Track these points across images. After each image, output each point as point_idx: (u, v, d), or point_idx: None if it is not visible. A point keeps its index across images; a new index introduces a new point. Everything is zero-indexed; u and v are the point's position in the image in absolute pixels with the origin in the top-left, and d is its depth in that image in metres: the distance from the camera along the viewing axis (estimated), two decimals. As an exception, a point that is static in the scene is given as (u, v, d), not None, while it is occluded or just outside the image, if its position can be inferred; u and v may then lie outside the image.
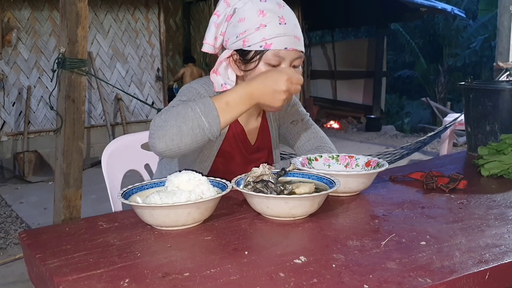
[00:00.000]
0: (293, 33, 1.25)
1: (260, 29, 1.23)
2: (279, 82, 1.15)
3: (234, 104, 1.16)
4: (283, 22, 1.24)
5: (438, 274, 0.78)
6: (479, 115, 1.72)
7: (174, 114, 1.14)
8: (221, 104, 1.15)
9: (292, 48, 1.25)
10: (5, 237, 3.68)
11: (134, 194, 1.09)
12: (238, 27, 1.26)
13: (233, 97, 1.16)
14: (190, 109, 1.13)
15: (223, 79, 1.32)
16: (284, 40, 1.24)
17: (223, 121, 1.15)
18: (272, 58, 1.25)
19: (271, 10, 1.25)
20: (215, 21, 1.30)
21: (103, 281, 0.77)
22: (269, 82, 1.16)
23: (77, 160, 2.59)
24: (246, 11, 1.26)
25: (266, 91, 1.16)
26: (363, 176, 1.20)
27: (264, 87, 1.16)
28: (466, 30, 12.66)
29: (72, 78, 2.51)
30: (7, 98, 5.84)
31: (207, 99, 1.16)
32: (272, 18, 1.24)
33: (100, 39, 6.47)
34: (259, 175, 1.10)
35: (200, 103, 1.14)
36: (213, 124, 1.13)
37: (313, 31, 10.94)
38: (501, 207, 1.13)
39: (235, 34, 1.27)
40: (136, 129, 6.57)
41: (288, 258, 0.84)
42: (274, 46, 1.23)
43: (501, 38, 5.65)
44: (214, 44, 1.33)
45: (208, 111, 1.13)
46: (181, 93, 1.34)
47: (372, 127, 8.77)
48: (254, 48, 1.25)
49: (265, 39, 1.23)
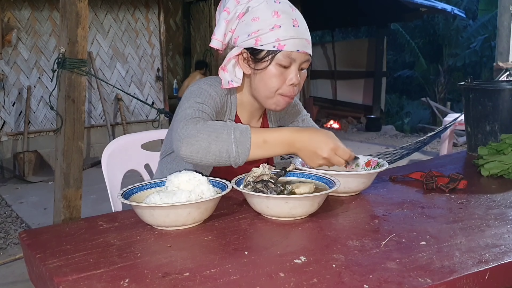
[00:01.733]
0: (305, 36, 1.27)
1: (275, 30, 1.24)
2: (324, 147, 1.16)
3: (271, 144, 1.17)
4: (297, 25, 1.26)
5: (438, 274, 0.78)
6: (479, 115, 1.72)
7: (210, 130, 1.15)
8: (258, 139, 1.16)
9: (304, 51, 1.27)
10: (5, 237, 3.68)
11: (134, 194, 1.09)
12: (251, 26, 1.26)
13: (273, 137, 1.17)
14: (226, 131, 1.14)
15: (230, 77, 1.32)
16: (296, 42, 1.25)
17: (252, 156, 1.16)
18: (284, 60, 1.26)
19: (286, 12, 1.26)
20: (226, 18, 1.30)
21: (103, 281, 0.77)
22: (315, 141, 1.17)
23: (77, 160, 2.59)
24: (260, 11, 1.26)
25: (307, 148, 1.17)
26: (363, 176, 1.21)
27: (308, 143, 1.17)
28: (466, 30, 12.66)
29: (72, 78, 2.51)
30: (7, 98, 5.84)
31: (247, 129, 1.16)
32: (286, 20, 1.25)
33: (100, 39, 6.47)
34: (259, 175, 1.10)
35: (238, 131, 1.15)
36: (241, 156, 1.15)
37: (313, 31, 10.88)
38: (501, 207, 1.13)
39: (247, 32, 1.27)
40: (136, 129, 6.57)
41: (288, 258, 0.84)
42: (288, 47, 1.24)
43: (501, 38, 5.64)
44: (223, 40, 1.32)
45: (242, 142, 1.14)
46: (193, 93, 1.30)
47: (372, 127, 8.77)
48: (267, 47, 1.25)
49: (279, 40, 1.24)
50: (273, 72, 1.27)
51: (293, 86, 1.29)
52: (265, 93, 1.31)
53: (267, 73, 1.27)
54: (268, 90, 1.30)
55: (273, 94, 1.30)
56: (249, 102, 1.39)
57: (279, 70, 1.27)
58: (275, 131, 1.19)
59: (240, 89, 1.38)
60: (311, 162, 1.19)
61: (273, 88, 1.29)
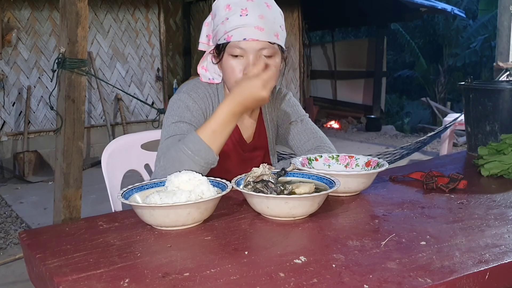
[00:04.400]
0: (254, 23, 1.27)
1: (224, 23, 1.29)
2: (253, 88, 1.18)
3: (220, 129, 1.21)
4: (244, 14, 1.27)
5: (438, 274, 0.78)
6: (479, 115, 1.72)
7: (171, 161, 1.21)
8: (207, 134, 1.20)
9: (251, 39, 1.27)
10: (5, 237, 3.68)
11: (134, 194, 1.09)
12: (213, 24, 1.34)
13: (216, 122, 1.21)
14: (182, 152, 1.19)
15: (211, 74, 1.41)
16: (242, 31, 1.27)
17: (216, 148, 1.21)
18: (233, 50, 1.29)
19: (237, 3, 1.28)
20: (206, 20, 1.39)
21: (103, 281, 0.77)
22: (245, 93, 1.19)
23: (77, 160, 2.59)
24: (218, 8, 1.32)
25: (247, 103, 1.20)
26: (363, 176, 1.21)
27: (243, 100, 1.20)
28: (466, 30, 12.66)
29: (72, 78, 2.51)
30: (7, 98, 5.83)
31: (193, 136, 1.20)
32: (234, 11, 1.27)
33: (100, 39, 6.46)
34: (259, 175, 1.10)
35: (189, 142, 1.20)
36: (208, 157, 1.19)
37: (313, 31, 10.93)
38: (501, 207, 1.13)
39: (213, 30, 1.35)
40: (136, 129, 6.56)
41: (288, 258, 0.84)
42: (234, 38, 1.28)
43: (501, 38, 5.64)
44: (207, 42, 1.40)
45: (198, 148, 1.19)
46: (171, 108, 1.38)
47: (372, 127, 8.77)
48: (220, 41, 1.31)
49: (226, 32, 1.28)
50: (228, 63, 1.32)
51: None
52: (228, 84, 1.37)
53: (224, 65, 1.34)
54: (228, 81, 1.36)
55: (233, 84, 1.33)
56: None
57: (234, 61, 1.31)
58: (215, 117, 1.22)
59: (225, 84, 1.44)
60: (260, 103, 1.22)
61: (230, 79, 1.33)
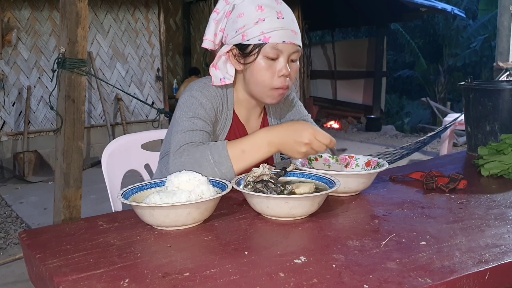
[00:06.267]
0: (291, 27, 1.28)
1: (259, 23, 1.26)
2: (303, 133, 1.16)
3: (251, 152, 1.18)
4: (281, 17, 1.28)
5: (438, 274, 0.78)
6: (479, 115, 1.72)
7: (192, 162, 1.18)
8: (236, 152, 1.18)
9: (290, 42, 1.28)
10: (5, 237, 3.68)
11: (134, 194, 1.09)
12: (237, 22, 1.29)
13: (250, 144, 1.19)
14: (205, 158, 1.17)
15: (222, 74, 1.35)
16: (282, 34, 1.27)
17: (237, 170, 1.18)
18: (271, 51, 1.27)
19: (269, 5, 1.28)
20: (215, 18, 1.34)
21: (103, 281, 0.77)
22: (291, 132, 1.18)
23: (77, 160, 2.59)
24: (245, 7, 1.29)
25: (287, 140, 1.18)
26: (363, 176, 1.20)
27: (286, 135, 1.18)
28: (466, 30, 12.66)
29: (72, 78, 2.51)
30: (7, 98, 5.83)
31: (224, 147, 1.18)
32: (270, 13, 1.27)
33: (100, 39, 6.47)
34: (259, 175, 1.10)
35: (215, 153, 1.17)
36: (227, 173, 1.17)
37: (313, 31, 10.93)
38: (501, 207, 1.13)
39: (234, 29, 1.30)
40: (136, 129, 6.57)
41: (288, 258, 0.84)
42: (273, 39, 1.26)
43: (501, 38, 5.65)
44: (214, 40, 1.36)
45: (222, 162, 1.17)
46: (184, 105, 1.32)
47: (372, 127, 8.77)
48: (253, 41, 1.28)
49: (263, 33, 1.26)
50: (262, 65, 1.29)
51: (284, 77, 1.30)
52: (257, 87, 1.33)
53: (256, 66, 1.30)
54: (260, 84, 1.32)
55: (265, 87, 1.31)
56: (246, 99, 1.41)
57: (267, 63, 1.29)
58: (251, 137, 1.20)
59: (235, 87, 1.41)
60: (295, 153, 1.19)
61: (264, 82, 1.31)
